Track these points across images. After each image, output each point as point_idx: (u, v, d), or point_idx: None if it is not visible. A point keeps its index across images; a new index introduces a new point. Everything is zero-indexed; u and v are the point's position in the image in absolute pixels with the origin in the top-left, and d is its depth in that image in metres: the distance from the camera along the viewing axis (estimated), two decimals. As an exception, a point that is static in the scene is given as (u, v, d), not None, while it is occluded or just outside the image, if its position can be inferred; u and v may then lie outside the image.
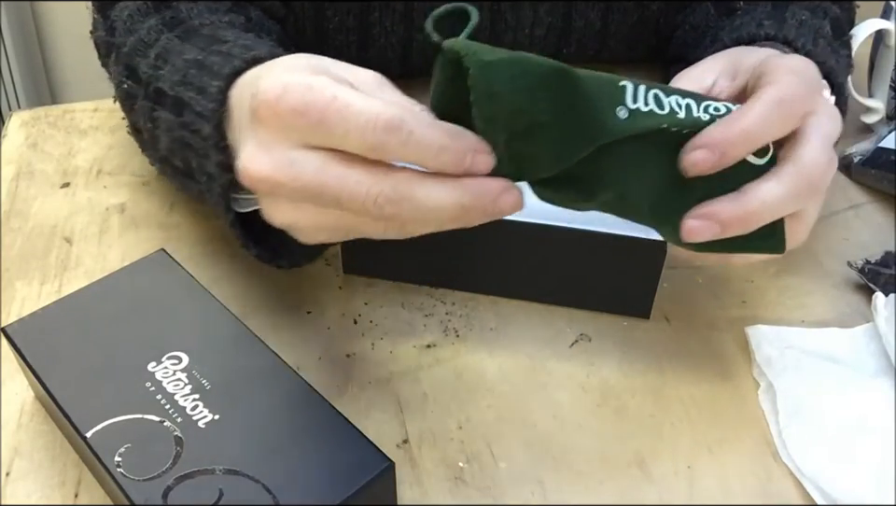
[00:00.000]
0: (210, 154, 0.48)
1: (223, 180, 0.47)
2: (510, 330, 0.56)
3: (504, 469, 0.48)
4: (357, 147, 0.37)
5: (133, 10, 0.59)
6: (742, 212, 0.42)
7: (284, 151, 0.38)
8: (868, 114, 0.75)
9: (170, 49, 0.54)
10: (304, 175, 0.38)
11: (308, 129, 0.38)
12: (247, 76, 0.46)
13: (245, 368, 0.46)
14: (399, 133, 0.37)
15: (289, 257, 0.52)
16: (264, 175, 0.39)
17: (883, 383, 0.52)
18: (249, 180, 0.40)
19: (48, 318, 0.49)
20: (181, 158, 0.52)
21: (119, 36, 0.59)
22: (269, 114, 0.38)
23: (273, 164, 0.38)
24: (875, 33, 0.72)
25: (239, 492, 0.40)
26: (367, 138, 0.37)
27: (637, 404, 0.52)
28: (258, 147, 0.39)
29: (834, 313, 0.58)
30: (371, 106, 0.37)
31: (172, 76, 0.52)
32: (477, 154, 0.38)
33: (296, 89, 0.38)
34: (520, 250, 0.56)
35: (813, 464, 0.48)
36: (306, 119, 0.37)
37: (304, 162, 0.38)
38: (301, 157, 0.38)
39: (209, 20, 0.56)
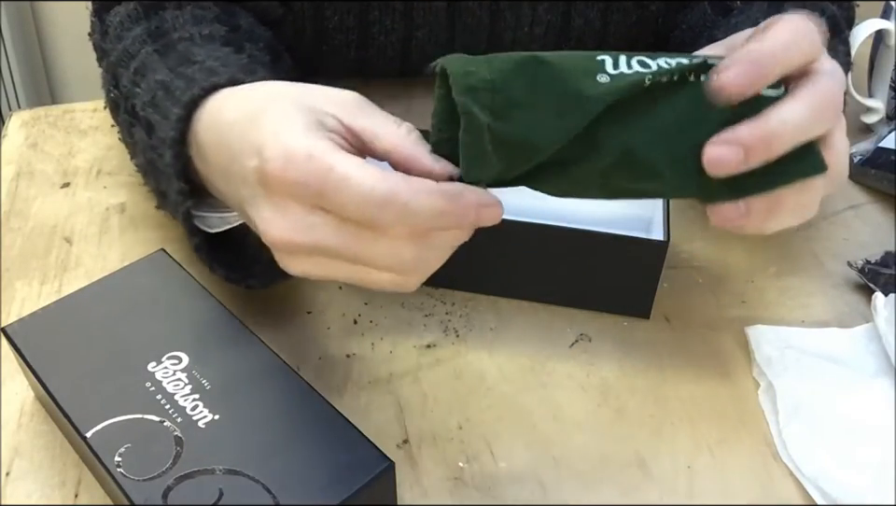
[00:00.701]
0: (171, 181, 0.49)
1: (184, 207, 0.49)
2: (510, 330, 0.56)
3: (504, 469, 0.48)
4: (355, 218, 0.38)
5: (124, 16, 0.59)
6: (763, 132, 0.40)
7: (300, 215, 0.39)
8: (868, 114, 0.75)
9: (146, 65, 0.54)
10: (324, 237, 0.39)
11: (312, 198, 0.39)
12: (209, 106, 0.47)
13: (245, 368, 0.46)
14: (394, 207, 0.37)
15: (262, 277, 0.53)
16: (285, 239, 0.40)
17: (883, 383, 0.52)
18: (269, 242, 0.41)
19: (48, 318, 0.49)
20: (153, 177, 0.54)
21: (108, 42, 0.60)
22: (276, 182, 0.39)
23: (292, 228, 0.39)
24: (874, 33, 0.72)
25: (239, 492, 0.40)
26: (363, 212, 0.38)
27: (636, 404, 0.52)
28: (274, 211, 0.40)
29: (834, 313, 0.58)
30: (367, 180, 0.37)
31: (144, 95, 0.53)
32: (483, 208, 0.39)
33: (298, 158, 0.38)
34: (520, 250, 0.56)
35: (813, 464, 0.48)
36: (308, 189, 0.38)
37: (322, 225, 0.39)
38: (319, 220, 0.39)
39: (189, 32, 0.56)
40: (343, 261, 0.40)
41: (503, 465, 0.48)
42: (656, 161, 0.41)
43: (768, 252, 0.63)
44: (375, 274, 0.41)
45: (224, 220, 0.51)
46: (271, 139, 0.40)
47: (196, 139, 0.47)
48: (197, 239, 0.50)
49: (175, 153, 0.48)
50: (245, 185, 0.42)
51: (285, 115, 0.41)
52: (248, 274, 0.52)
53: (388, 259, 0.39)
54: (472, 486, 0.47)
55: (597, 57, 0.40)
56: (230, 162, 0.43)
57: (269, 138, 0.40)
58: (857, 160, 0.69)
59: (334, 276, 0.41)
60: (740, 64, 0.40)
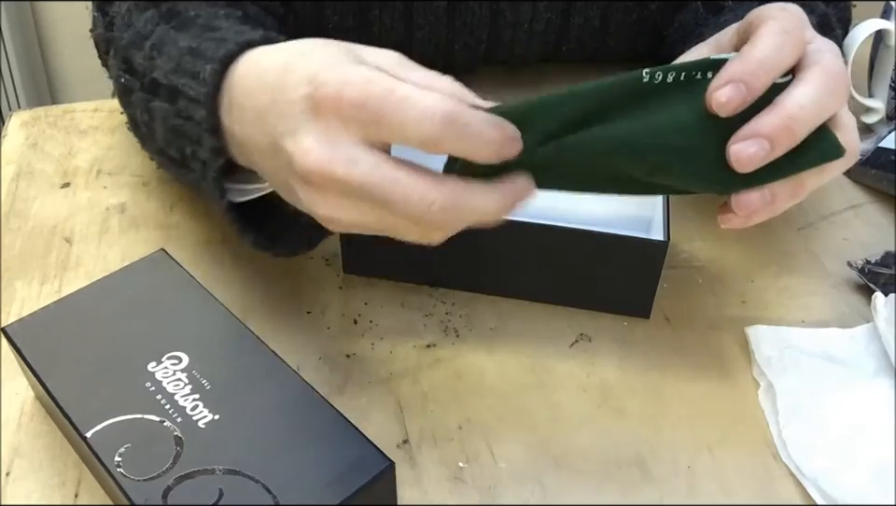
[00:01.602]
0: (203, 140, 0.47)
1: (216, 165, 0.47)
2: (510, 330, 0.56)
3: (504, 469, 0.48)
4: (414, 138, 0.38)
5: (131, 6, 0.59)
6: (783, 120, 0.40)
7: (344, 147, 0.39)
8: (868, 114, 0.75)
9: (165, 40, 0.53)
10: (362, 172, 0.38)
11: (368, 122, 0.38)
12: (245, 59, 0.46)
13: (245, 368, 0.46)
14: (456, 126, 0.37)
15: (286, 245, 0.52)
16: (322, 168, 0.39)
17: (883, 383, 0.52)
18: (306, 171, 0.39)
19: (48, 318, 0.49)
20: (176, 147, 0.52)
21: (116, 31, 0.59)
22: (331, 106, 0.38)
23: (333, 158, 0.39)
24: (875, 33, 0.72)
25: (239, 492, 0.40)
26: (424, 130, 0.37)
27: (637, 404, 0.52)
28: (317, 139, 0.39)
29: (834, 313, 0.58)
30: (428, 99, 0.37)
31: (166, 64, 0.51)
32: (512, 142, 0.39)
33: (356, 81, 0.38)
34: (520, 250, 0.56)
35: (813, 464, 0.48)
36: (366, 111, 0.38)
37: (362, 160, 0.38)
38: (360, 154, 0.38)
39: (206, 12, 0.56)
40: (372, 206, 0.39)
41: (503, 465, 0.48)
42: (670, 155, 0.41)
43: (768, 252, 0.63)
44: (402, 225, 0.40)
45: (244, 192, 0.50)
46: (325, 68, 0.39)
47: (229, 95, 0.46)
48: (225, 202, 0.49)
49: (209, 109, 0.46)
50: (286, 118, 0.41)
51: (334, 53, 0.41)
52: (278, 239, 0.51)
53: (419, 206, 0.38)
54: (472, 486, 0.47)
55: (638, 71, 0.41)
56: (271, 100, 0.42)
57: (322, 67, 0.39)
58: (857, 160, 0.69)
59: (361, 222, 0.41)
60: (736, 80, 0.40)
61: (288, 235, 0.51)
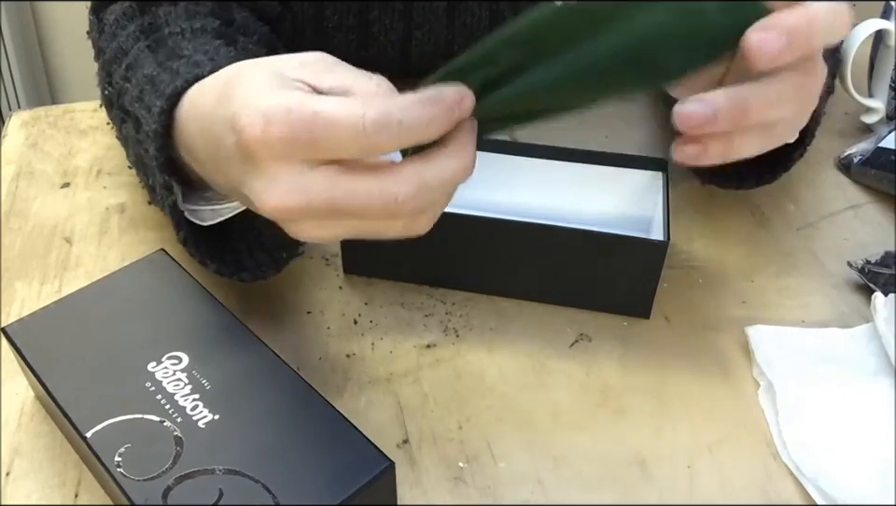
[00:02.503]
0: (156, 174, 0.48)
1: (169, 200, 0.48)
2: (510, 330, 0.56)
3: (504, 469, 0.48)
4: (352, 154, 0.37)
5: (119, 14, 0.59)
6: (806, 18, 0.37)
7: (291, 178, 0.38)
8: (868, 114, 0.75)
9: (137, 61, 0.54)
10: (318, 197, 0.38)
11: (304, 150, 0.38)
12: (187, 97, 0.46)
13: (245, 368, 0.46)
14: (390, 128, 0.36)
15: (253, 270, 0.52)
16: (282, 206, 0.39)
17: (883, 383, 0.52)
18: (269, 213, 0.40)
19: (48, 318, 0.49)
20: (142, 172, 0.54)
21: (104, 41, 0.60)
22: (260, 148, 0.38)
23: (286, 194, 0.38)
24: (875, 33, 0.72)
25: (239, 492, 0.40)
26: (360, 143, 0.37)
27: (637, 404, 0.52)
28: (266, 181, 0.39)
29: (834, 313, 0.58)
30: (354, 111, 0.37)
31: (133, 90, 0.53)
32: (462, 102, 0.38)
33: (276, 115, 0.37)
34: (520, 250, 0.56)
35: (813, 464, 0.48)
36: (297, 143, 0.37)
37: (314, 184, 0.38)
38: (310, 179, 0.38)
39: (180, 26, 0.56)
40: (345, 218, 0.39)
41: (503, 465, 0.48)
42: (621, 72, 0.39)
43: (768, 252, 0.63)
44: (381, 224, 0.40)
45: (217, 213, 0.50)
46: (242, 109, 0.38)
47: (181, 132, 0.47)
48: (184, 232, 0.50)
49: (159, 146, 0.47)
50: (232, 166, 0.41)
51: (251, 83, 0.40)
52: (240, 267, 0.52)
53: (386, 204, 0.38)
54: (472, 486, 0.47)
55: None
56: (215, 149, 0.42)
57: (239, 109, 0.39)
58: (857, 160, 0.69)
59: (342, 234, 0.40)
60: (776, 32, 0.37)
61: (254, 259, 0.52)
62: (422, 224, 0.40)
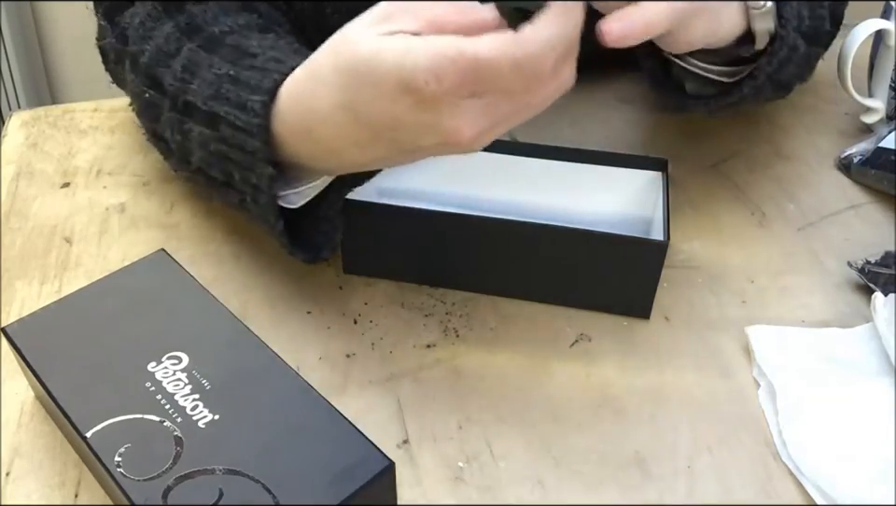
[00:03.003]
0: (256, 167, 0.49)
1: (271, 192, 0.50)
2: (510, 330, 0.56)
3: (504, 469, 0.48)
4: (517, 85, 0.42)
5: (143, 16, 0.58)
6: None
7: (474, 107, 0.42)
8: (868, 114, 0.75)
9: (196, 62, 0.54)
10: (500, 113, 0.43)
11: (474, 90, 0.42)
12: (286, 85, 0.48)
13: (245, 368, 0.46)
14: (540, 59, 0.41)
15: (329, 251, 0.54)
16: (476, 130, 0.43)
17: (883, 383, 0.52)
18: (466, 143, 0.44)
19: (48, 318, 0.49)
20: (220, 170, 0.53)
21: (133, 44, 0.58)
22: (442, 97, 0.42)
23: (477, 119, 0.43)
24: (874, 33, 0.72)
25: (239, 492, 0.40)
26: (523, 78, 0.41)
27: (636, 404, 0.52)
28: (457, 118, 0.42)
29: (834, 313, 0.58)
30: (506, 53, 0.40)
31: (203, 90, 0.52)
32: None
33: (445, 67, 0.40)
34: (520, 250, 0.56)
35: (813, 464, 0.48)
36: (469, 85, 0.41)
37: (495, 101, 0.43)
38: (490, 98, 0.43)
39: (227, 25, 0.56)
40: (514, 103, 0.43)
41: (503, 465, 0.48)
42: None
43: (768, 252, 0.63)
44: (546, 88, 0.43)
45: (301, 195, 0.52)
46: (402, 72, 0.41)
47: (283, 120, 0.48)
48: (280, 226, 0.51)
49: (263, 139, 0.48)
50: (408, 127, 0.43)
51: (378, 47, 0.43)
52: (320, 252, 0.54)
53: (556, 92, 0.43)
54: (472, 486, 0.47)
55: None
56: (369, 121, 0.44)
57: (399, 72, 0.41)
58: (857, 160, 0.69)
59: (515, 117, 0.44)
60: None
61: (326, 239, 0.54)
62: (566, 74, 0.43)
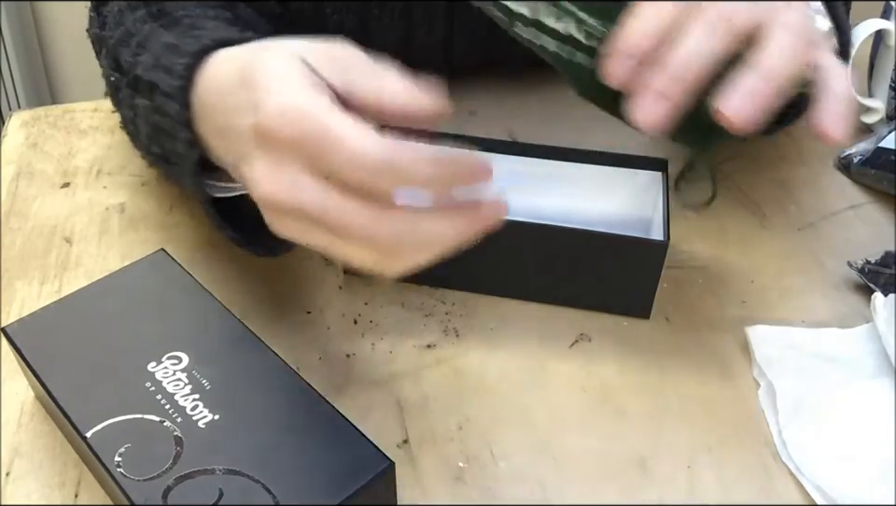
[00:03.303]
0: (178, 133, 0.48)
1: (193, 157, 0.48)
2: (510, 330, 0.56)
3: (504, 469, 0.48)
4: (349, 180, 0.37)
5: (122, 5, 0.60)
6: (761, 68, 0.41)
7: (291, 174, 0.38)
8: (868, 114, 0.75)
9: (150, 37, 0.54)
10: (307, 202, 0.38)
11: (307, 157, 0.38)
12: (213, 58, 0.46)
13: (245, 368, 0.46)
14: (391, 174, 0.37)
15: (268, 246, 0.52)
16: (272, 197, 0.39)
17: (883, 383, 0.52)
18: (257, 198, 0.40)
19: (48, 318, 0.49)
20: (157, 143, 0.52)
21: (108, 30, 0.60)
22: (270, 139, 0.39)
23: (280, 186, 0.39)
24: (874, 33, 0.72)
25: (239, 492, 0.40)
26: (356, 174, 0.37)
27: (636, 404, 0.52)
28: (267, 166, 0.39)
29: (834, 313, 0.58)
30: (361, 141, 0.37)
31: (147, 60, 0.52)
32: (476, 170, 0.38)
33: (293, 116, 0.38)
34: (520, 250, 0.56)
35: (813, 464, 0.48)
36: (303, 149, 0.38)
37: (309, 189, 0.38)
38: (307, 183, 0.38)
39: (194, 12, 0.56)
40: (323, 230, 0.39)
41: (503, 465, 0.48)
42: None
43: (768, 252, 0.63)
44: (351, 249, 0.39)
45: (228, 188, 0.50)
46: (265, 96, 0.39)
47: (197, 95, 0.47)
48: (204, 196, 0.49)
49: (182, 101, 0.47)
50: (241, 142, 0.41)
51: (279, 70, 0.40)
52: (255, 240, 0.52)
53: (366, 233, 0.38)
54: (472, 486, 0.47)
55: None
56: (226, 119, 0.43)
57: (263, 95, 0.39)
58: (857, 160, 0.69)
59: (313, 243, 0.40)
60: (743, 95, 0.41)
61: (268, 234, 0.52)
62: (394, 267, 0.40)
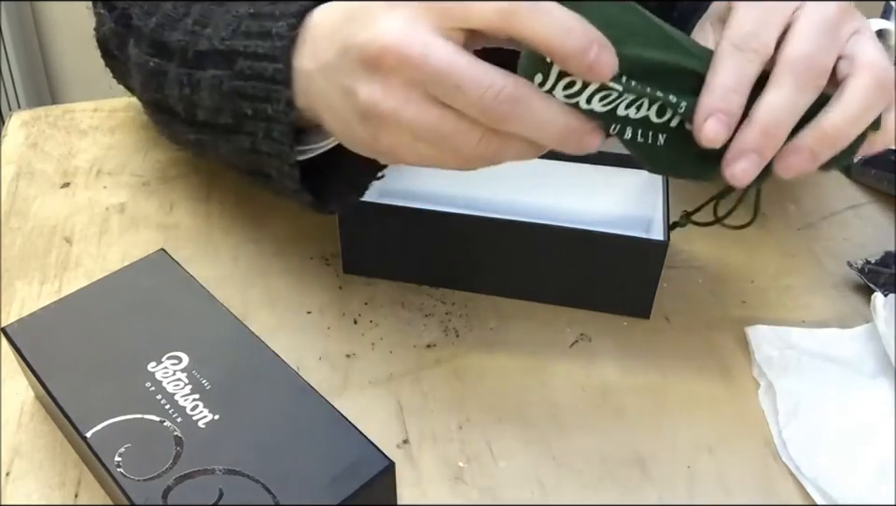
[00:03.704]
0: (273, 94, 0.47)
1: (289, 118, 0.47)
2: (510, 330, 0.56)
3: (504, 469, 0.48)
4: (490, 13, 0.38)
5: None
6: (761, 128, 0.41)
7: (424, 30, 0.39)
8: (868, 114, 0.74)
9: (209, 13, 0.53)
10: (434, 56, 0.39)
11: (440, 12, 0.39)
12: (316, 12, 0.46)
13: (245, 368, 0.46)
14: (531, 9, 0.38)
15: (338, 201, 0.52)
16: (401, 44, 0.39)
17: (883, 383, 0.52)
18: (380, 49, 0.40)
19: (48, 318, 0.49)
20: (231, 112, 0.51)
21: (137, 20, 0.58)
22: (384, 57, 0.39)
23: (412, 38, 0.39)
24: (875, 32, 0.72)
25: (239, 492, 0.40)
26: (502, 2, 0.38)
27: (637, 404, 0.52)
28: (399, 21, 0.40)
29: (834, 313, 0.58)
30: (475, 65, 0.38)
31: (219, 32, 0.51)
32: (603, 49, 0.38)
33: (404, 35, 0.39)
34: (520, 250, 0.56)
35: (813, 464, 0.48)
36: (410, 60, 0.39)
37: (437, 45, 0.39)
38: (437, 41, 0.39)
39: None
40: (437, 101, 0.40)
41: (503, 465, 0.48)
42: None
43: (768, 252, 0.63)
44: (462, 126, 0.40)
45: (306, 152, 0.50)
46: (379, 17, 0.40)
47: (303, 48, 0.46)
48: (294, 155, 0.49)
49: (286, 63, 0.46)
50: (367, 14, 0.41)
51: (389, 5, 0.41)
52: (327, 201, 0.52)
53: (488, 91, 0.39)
54: (472, 486, 0.47)
55: None
56: (351, 10, 0.43)
57: (378, 15, 0.40)
58: (857, 160, 0.69)
59: (421, 124, 0.41)
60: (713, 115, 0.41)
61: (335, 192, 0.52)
62: (492, 148, 0.41)
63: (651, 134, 0.42)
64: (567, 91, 0.40)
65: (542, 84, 0.39)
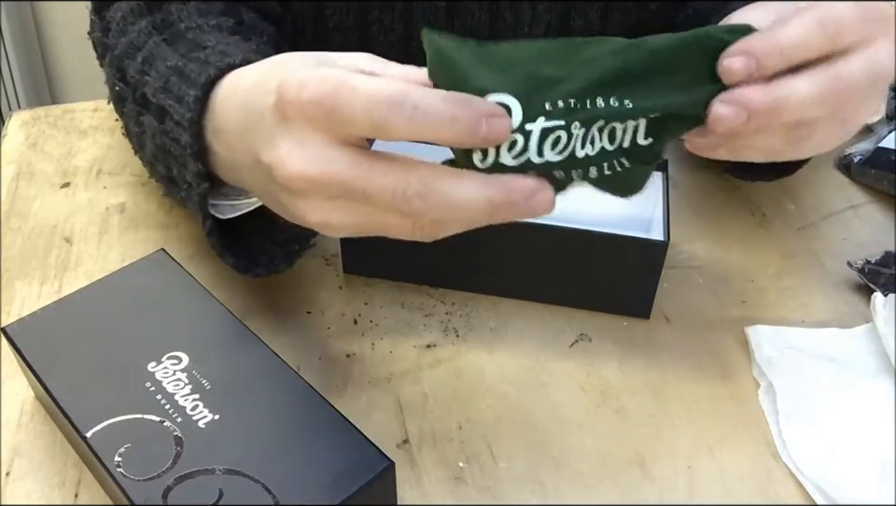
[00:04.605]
0: (188, 163, 0.49)
1: (200, 189, 0.49)
2: (510, 330, 0.56)
3: (504, 469, 0.48)
4: (364, 126, 0.37)
5: (126, 12, 0.60)
6: (771, 101, 0.40)
7: (317, 148, 0.39)
8: (868, 114, 0.75)
9: (155, 54, 0.54)
10: (337, 171, 0.38)
11: (328, 117, 0.38)
12: (225, 83, 0.47)
13: (245, 368, 0.46)
14: (404, 108, 0.36)
15: (267, 265, 0.53)
16: (300, 172, 0.39)
17: (883, 383, 0.52)
18: (287, 180, 0.40)
19: (48, 318, 0.49)
20: (164, 164, 0.53)
21: (111, 38, 0.60)
22: (294, 110, 0.39)
23: (308, 161, 0.39)
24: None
25: (239, 492, 0.40)
26: (372, 116, 0.37)
27: (637, 404, 0.52)
28: (293, 145, 0.39)
29: (834, 313, 0.58)
30: (374, 84, 0.37)
31: (155, 82, 0.53)
32: (491, 118, 0.37)
33: (312, 81, 0.38)
34: (520, 250, 0.56)
35: (813, 464, 0.48)
36: (323, 107, 0.38)
37: (336, 158, 0.39)
38: (334, 153, 0.39)
39: (196, 22, 0.57)
40: (356, 203, 0.39)
41: (503, 465, 0.48)
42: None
43: (768, 252, 0.63)
44: (389, 219, 0.40)
45: (235, 208, 0.51)
46: (286, 76, 0.40)
47: (213, 118, 0.47)
48: (209, 224, 0.50)
49: (194, 133, 0.47)
50: (259, 131, 0.42)
51: (300, 61, 0.41)
52: (254, 262, 0.53)
53: (394, 195, 0.37)
54: (472, 486, 0.47)
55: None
56: (245, 118, 0.43)
57: (286, 75, 0.40)
58: (857, 160, 0.69)
59: (351, 223, 0.40)
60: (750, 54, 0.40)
61: (267, 255, 0.53)
62: (428, 231, 0.40)
63: (616, 162, 0.40)
64: (513, 152, 0.38)
65: (484, 156, 0.38)
